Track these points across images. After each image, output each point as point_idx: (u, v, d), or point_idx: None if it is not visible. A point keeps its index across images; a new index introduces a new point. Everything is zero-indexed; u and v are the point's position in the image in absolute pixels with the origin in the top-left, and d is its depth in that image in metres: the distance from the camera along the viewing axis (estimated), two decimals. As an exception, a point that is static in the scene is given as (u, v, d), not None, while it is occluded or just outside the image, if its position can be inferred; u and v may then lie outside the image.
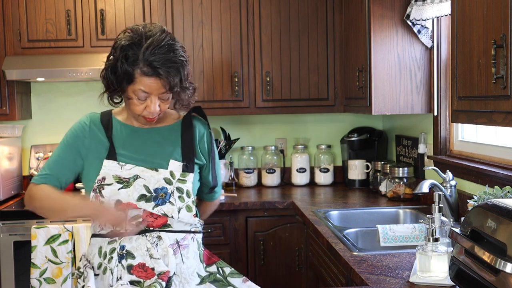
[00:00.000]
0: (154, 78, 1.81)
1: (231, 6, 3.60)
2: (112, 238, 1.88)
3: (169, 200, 1.89)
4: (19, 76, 3.42)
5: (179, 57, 1.84)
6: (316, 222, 2.75)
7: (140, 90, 1.83)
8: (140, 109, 1.88)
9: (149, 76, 1.81)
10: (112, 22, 3.56)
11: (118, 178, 1.89)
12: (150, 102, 1.86)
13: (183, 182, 1.92)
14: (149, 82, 1.82)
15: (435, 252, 1.80)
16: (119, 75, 1.83)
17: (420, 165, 3.27)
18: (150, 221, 1.87)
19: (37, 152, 3.79)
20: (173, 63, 1.82)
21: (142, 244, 1.85)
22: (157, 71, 1.80)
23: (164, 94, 1.86)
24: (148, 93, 1.84)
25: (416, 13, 2.94)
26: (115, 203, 1.85)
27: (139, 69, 1.81)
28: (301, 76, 3.66)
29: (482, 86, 1.75)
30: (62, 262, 3.11)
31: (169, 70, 1.81)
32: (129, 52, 1.81)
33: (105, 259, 1.88)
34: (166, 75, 1.80)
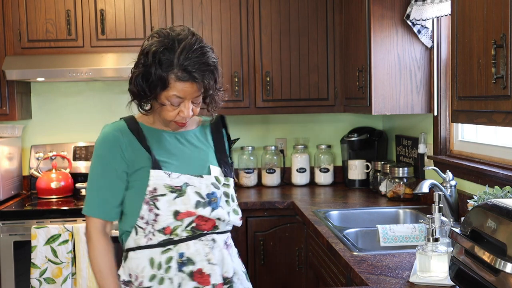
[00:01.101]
0: (190, 83, 1.77)
1: (231, 6, 3.60)
2: (166, 248, 1.81)
3: (220, 204, 1.87)
4: (19, 76, 3.42)
5: (211, 59, 1.80)
6: (316, 222, 2.75)
7: (174, 95, 1.78)
8: (173, 114, 1.82)
9: (184, 81, 1.76)
10: (112, 22, 3.56)
11: (170, 188, 1.81)
12: (183, 107, 1.81)
13: (228, 187, 1.91)
14: (184, 87, 1.77)
15: (435, 252, 1.80)
16: (153, 81, 1.77)
17: (420, 165, 3.27)
18: (202, 224, 1.83)
19: (37, 152, 3.79)
20: (207, 65, 1.78)
21: (201, 249, 1.82)
22: (193, 75, 1.75)
23: (197, 98, 1.82)
24: (182, 98, 1.79)
25: (416, 13, 2.94)
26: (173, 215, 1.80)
27: (173, 75, 1.75)
28: (301, 76, 3.66)
29: (482, 86, 1.75)
30: (62, 262, 3.11)
31: (204, 73, 1.77)
32: (163, 57, 1.76)
33: (160, 269, 1.80)
34: (202, 78, 1.77)
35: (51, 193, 3.58)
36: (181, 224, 1.80)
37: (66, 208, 3.31)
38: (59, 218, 3.22)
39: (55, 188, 3.58)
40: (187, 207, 1.80)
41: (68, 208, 3.32)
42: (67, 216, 3.24)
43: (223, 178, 1.91)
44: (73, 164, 3.78)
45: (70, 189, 3.64)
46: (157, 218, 1.79)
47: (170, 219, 1.79)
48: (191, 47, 1.77)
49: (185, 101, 1.80)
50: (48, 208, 3.35)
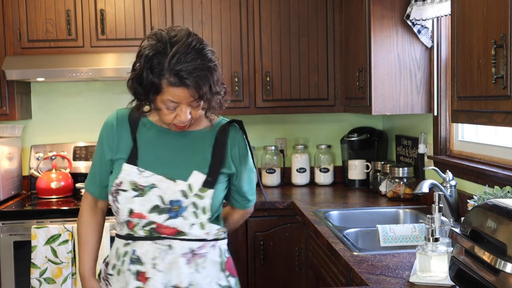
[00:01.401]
0: (182, 88, 1.70)
1: (231, 6, 3.60)
2: (127, 241, 1.83)
3: (182, 214, 1.79)
4: (19, 76, 3.42)
5: (207, 63, 1.73)
6: (316, 222, 2.75)
7: (168, 100, 1.73)
8: (171, 118, 1.78)
9: (176, 87, 1.70)
10: (112, 22, 3.56)
11: (134, 185, 1.81)
12: (180, 111, 1.76)
13: (200, 198, 1.81)
14: (177, 92, 1.71)
15: (435, 252, 1.80)
16: (146, 85, 1.74)
17: (420, 165, 3.27)
18: (162, 228, 1.79)
19: (37, 152, 3.79)
20: (201, 70, 1.71)
21: (150, 252, 1.79)
22: (184, 81, 1.69)
23: (193, 102, 1.75)
24: (177, 103, 1.74)
25: (416, 13, 2.94)
26: (128, 212, 1.80)
27: (165, 80, 1.70)
28: (301, 76, 3.66)
29: (482, 86, 1.75)
30: (62, 262, 3.11)
31: (197, 79, 1.70)
32: (154, 61, 1.71)
33: (118, 261, 1.85)
34: (194, 85, 1.70)
35: (51, 193, 3.58)
36: (138, 223, 1.80)
37: (66, 208, 3.31)
38: (59, 218, 3.22)
39: (55, 188, 3.58)
40: (141, 209, 1.79)
41: (68, 208, 3.32)
42: (67, 216, 3.24)
43: (198, 188, 1.81)
44: (73, 164, 3.78)
45: (70, 189, 3.64)
46: (118, 212, 1.84)
47: (125, 216, 1.81)
48: (185, 51, 1.70)
49: (181, 105, 1.75)
50: (48, 208, 3.36)
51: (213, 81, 1.74)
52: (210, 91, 1.75)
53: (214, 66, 1.75)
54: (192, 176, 1.82)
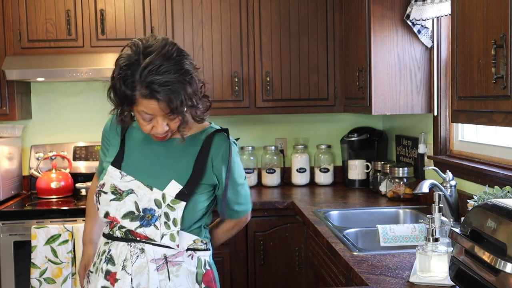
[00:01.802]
0: (153, 101, 1.67)
1: (231, 6, 3.60)
2: (107, 240, 1.86)
3: (154, 223, 1.78)
4: (19, 76, 3.42)
5: (182, 76, 1.68)
6: (316, 222, 2.75)
7: (143, 111, 1.72)
8: (148, 129, 1.76)
9: (148, 99, 1.67)
10: (112, 22, 3.56)
11: (114, 188, 1.82)
12: (156, 123, 1.73)
13: (172, 209, 1.78)
14: (150, 105, 1.69)
15: (435, 252, 1.80)
16: (120, 96, 1.73)
17: (420, 165, 3.27)
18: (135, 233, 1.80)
19: (37, 152, 3.79)
20: (173, 84, 1.66)
21: (123, 253, 1.79)
22: (155, 94, 1.66)
23: (168, 114, 1.72)
24: (152, 115, 1.72)
25: (416, 13, 2.94)
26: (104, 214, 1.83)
27: (138, 91, 1.68)
28: (301, 76, 3.66)
29: (482, 86, 1.75)
30: (62, 262, 3.11)
31: (168, 93, 1.66)
32: (127, 73, 1.69)
33: (97, 259, 1.88)
34: (165, 98, 1.66)
35: (51, 193, 3.58)
36: (116, 224, 1.83)
37: (66, 208, 3.31)
38: (59, 218, 3.22)
39: (55, 188, 3.58)
40: (115, 213, 1.81)
41: (68, 208, 3.32)
42: (67, 216, 3.24)
43: (171, 198, 1.79)
44: (73, 164, 3.78)
45: (70, 189, 3.64)
46: (98, 212, 1.88)
47: (102, 217, 1.86)
48: (159, 62, 1.66)
49: (157, 118, 1.72)
50: (48, 208, 3.35)
51: (186, 95, 1.69)
52: (182, 105, 1.69)
53: (189, 79, 1.70)
54: (169, 186, 1.80)
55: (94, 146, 3.84)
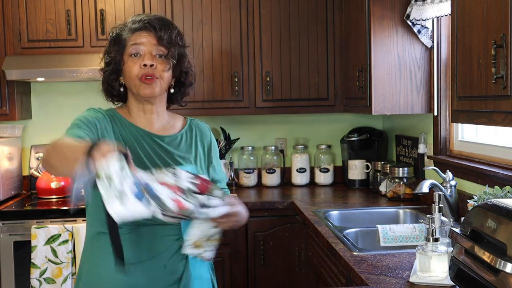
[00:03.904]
0: (145, 32, 1.81)
1: (231, 6, 3.60)
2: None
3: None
4: (19, 76, 3.42)
5: (170, 22, 1.87)
6: (316, 222, 2.75)
7: (132, 46, 1.81)
8: (136, 68, 1.80)
9: (138, 31, 1.81)
10: (112, 22, 3.55)
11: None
12: (144, 56, 1.80)
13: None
14: (140, 34, 1.81)
15: (435, 252, 1.80)
16: (110, 47, 1.85)
17: (420, 165, 3.27)
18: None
19: (37, 152, 3.79)
20: (163, 20, 1.84)
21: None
22: (145, 24, 1.80)
23: (158, 50, 1.81)
24: (140, 45, 1.80)
25: (416, 13, 2.94)
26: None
27: (127, 30, 1.83)
28: (301, 76, 3.66)
29: (482, 86, 1.75)
30: (62, 262, 3.11)
31: (159, 23, 1.81)
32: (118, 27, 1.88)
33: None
34: (154, 28, 1.80)
35: (51, 193, 3.58)
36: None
37: (66, 208, 3.31)
38: (59, 218, 3.22)
39: (55, 188, 3.58)
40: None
41: (68, 208, 3.32)
42: (67, 216, 3.23)
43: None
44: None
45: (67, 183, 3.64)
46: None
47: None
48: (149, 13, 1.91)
49: (145, 52, 1.80)
50: (48, 208, 3.35)
51: (175, 35, 1.83)
52: (173, 40, 1.82)
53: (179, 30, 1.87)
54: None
55: (94, 146, 3.83)
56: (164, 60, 1.81)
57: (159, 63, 1.81)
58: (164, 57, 1.81)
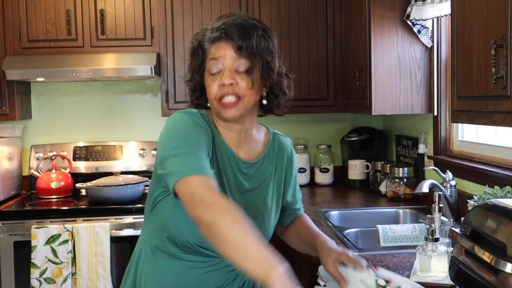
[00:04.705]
0: (224, 42, 1.55)
1: (231, 6, 3.60)
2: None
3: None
4: (19, 76, 3.42)
5: (252, 21, 1.58)
6: (316, 222, 2.74)
7: (210, 61, 1.57)
8: (215, 88, 1.56)
9: (216, 41, 1.56)
10: (112, 22, 3.55)
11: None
12: (223, 73, 1.56)
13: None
14: (218, 47, 1.56)
15: (435, 252, 1.80)
16: (193, 58, 1.63)
17: (420, 165, 3.27)
18: None
19: (37, 152, 3.79)
20: (240, 23, 1.56)
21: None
22: (222, 33, 1.54)
23: (239, 63, 1.55)
24: (218, 60, 1.56)
25: (416, 13, 2.94)
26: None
27: (206, 40, 1.59)
28: (301, 76, 3.66)
29: (482, 86, 1.75)
30: (62, 262, 3.11)
31: (237, 31, 1.54)
32: (200, 33, 1.65)
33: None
34: (232, 35, 1.54)
35: (51, 193, 3.58)
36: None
37: (66, 208, 3.31)
38: (59, 218, 3.22)
39: (55, 188, 3.58)
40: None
41: (68, 208, 3.32)
42: (67, 216, 3.24)
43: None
44: (73, 164, 3.78)
45: (70, 189, 3.64)
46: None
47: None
48: (231, 15, 1.60)
49: (224, 67, 1.56)
50: (48, 208, 3.35)
51: (261, 38, 1.56)
52: (255, 50, 1.55)
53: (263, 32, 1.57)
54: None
55: (94, 146, 3.84)
56: (246, 76, 1.56)
57: (240, 79, 1.56)
58: (246, 72, 1.56)
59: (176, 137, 1.51)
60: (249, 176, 1.67)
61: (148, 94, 3.96)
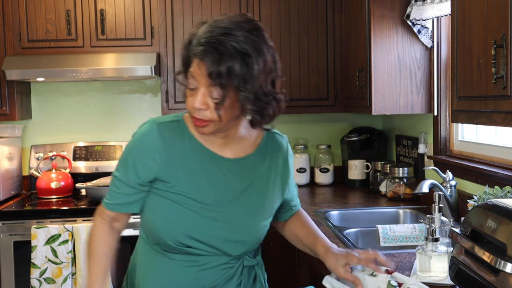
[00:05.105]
0: (200, 61, 1.45)
1: (231, 6, 3.60)
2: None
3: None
4: (19, 76, 3.42)
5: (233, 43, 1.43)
6: (316, 222, 2.74)
7: (190, 74, 1.50)
8: (189, 102, 1.50)
9: (197, 57, 1.46)
10: (112, 22, 3.55)
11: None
12: (197, 94, 1.48)
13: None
14: (196, 64, 1.47)
15: (435, 252, 1.80)
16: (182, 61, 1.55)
17: (420, 165, 3.27)
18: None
19: (37, 152, 3.79)
20: (219, 45, 1.43)
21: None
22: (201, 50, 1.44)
23: (211, 89, 1.46)
24: (195, 78, 1.48)
25: (416, 13, 2.94)
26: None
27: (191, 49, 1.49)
28: (301, 76, 3.66)
29: (482, 86, 1.75)
30: (62, 262, 3.11)
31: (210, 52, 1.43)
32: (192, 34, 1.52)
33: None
34: (206, 59, 1.43)
35: (51, 193, 3.58)
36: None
37: (66, 208, 3.31)
38: (59, 218, 3.22)
39: (55, 188, 3.58)
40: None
41: (68, 208, 3.32)
42: (67, 216, 3.24)
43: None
44: (73, 164, 3.78)
45: (70, 189, 3.64)
46: None
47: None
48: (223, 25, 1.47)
49: (199, 89, 1.48)
50: (48, 208, 3.35)
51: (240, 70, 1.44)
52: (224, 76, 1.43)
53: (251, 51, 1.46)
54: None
55: (94, 146, 3.84)
56: (217, 95, 1.46)
57: (211, 101, 1.47)
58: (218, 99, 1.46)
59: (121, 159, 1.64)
60: (239, 173, 1.64)
61: (148, 94, 3.96)
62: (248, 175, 1.65)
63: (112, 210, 1.66)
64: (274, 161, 1.72)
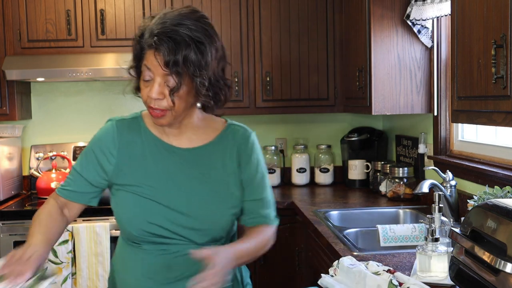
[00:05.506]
0: (155, 52, 1.52)
1: (231, 6, 3.60)
2: None
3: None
4: (19, 76, 3.42)
5: (187, 31, 1.51)
6: (316, 222, 2.75)
7: (144, 66, 1.57)
8: (145, 93, 1.58)
9: (151, 49, 1.54)
10: (112, 22, 3.56)
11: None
12: (153, 84, 1.55)
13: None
14: (150, 55, 1.54)
15: (435, 252, 1.80)
16: (133, 55, 1.64)
17: (420, 165, 3.27)
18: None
19: (37, 152, 3.79)
20: (173, 34, 1.50)
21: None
22: (157, 44, 1.51)
23: (168, 79, 1.53)
24: (151, 70, 1.55)
25: (416, 13, 2.94)
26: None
27: (144, 40, 1.58)
28: (301, 76, 3.66)
29: (482, 86, 1.75)
30: (62, 262, 3.11)
31: (165, 41, 1.50)
32: (143, 27, 1.63)
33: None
34: (162, 49, 1.50)
35: (51, 193, 3.57)
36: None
37: (66, 208, 3.31)
38: (59, 218, 3.21)
39: (55, 188, 3.57)
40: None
41: (68, 208, 3.32)
42: (67, 216, 3.23)
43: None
44: (73, 164, 3.78)
45: (69, 189, 3.64)
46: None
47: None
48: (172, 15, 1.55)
49: (155, 77, 1.55)
50: (48, 208, 3.35)
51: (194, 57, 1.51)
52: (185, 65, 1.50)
53: (195, 41, 1.52)
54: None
55: (94, 146, 3.83)
56: (173, 85, 1.53)
57: (167, 90, 1.55)
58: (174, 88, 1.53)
59: (82, 153, 1.78)
60: (195, 162, 1.68)
61: (148, 94, 3.96)
62: (205, 164, 1.69)
63: (62, 196, 1.83)
64: (234, 151, 1.73)
